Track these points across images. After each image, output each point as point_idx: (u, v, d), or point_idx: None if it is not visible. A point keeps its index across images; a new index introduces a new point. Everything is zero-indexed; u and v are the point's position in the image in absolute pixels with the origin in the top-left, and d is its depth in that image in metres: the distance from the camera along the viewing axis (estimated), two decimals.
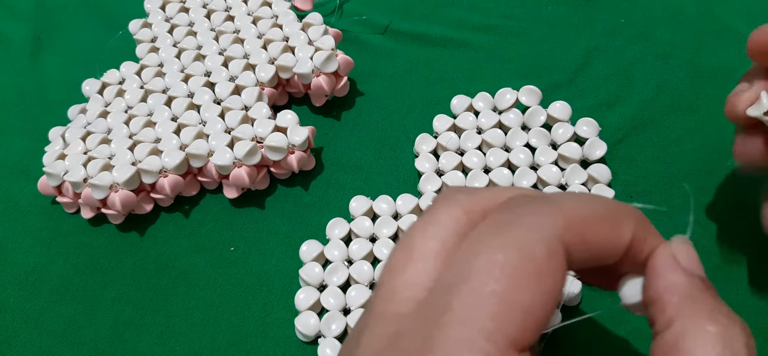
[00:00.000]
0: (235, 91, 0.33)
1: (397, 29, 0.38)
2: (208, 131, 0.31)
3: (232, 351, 0.28)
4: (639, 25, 0.36)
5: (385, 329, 0.15)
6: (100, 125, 0.32)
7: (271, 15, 0.36)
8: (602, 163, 0.30)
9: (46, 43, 0.40)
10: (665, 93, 0.33)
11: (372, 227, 0.30)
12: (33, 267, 0.31)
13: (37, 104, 0.37)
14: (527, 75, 0.35)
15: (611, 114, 0.33)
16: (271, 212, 0.32)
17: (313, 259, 0.29)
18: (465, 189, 0.17)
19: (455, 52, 0.37)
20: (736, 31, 0.35)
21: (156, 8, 0.37)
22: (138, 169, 0.30)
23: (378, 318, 0.15)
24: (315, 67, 0.32)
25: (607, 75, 0.34)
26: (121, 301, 0.30)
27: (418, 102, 0.35)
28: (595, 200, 0.16)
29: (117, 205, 0.30)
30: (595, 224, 0.15)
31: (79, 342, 0.29)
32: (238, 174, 0.30)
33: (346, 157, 0.33)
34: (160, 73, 0.34)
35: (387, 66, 0.37)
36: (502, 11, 0.38)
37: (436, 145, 0.32)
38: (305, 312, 0.28)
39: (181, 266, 0.31)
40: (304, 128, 0.31)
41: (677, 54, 0.35)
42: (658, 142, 0.32)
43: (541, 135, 0.31)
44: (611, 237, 0.15)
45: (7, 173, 0.35)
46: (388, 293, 0.16)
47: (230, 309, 0.29)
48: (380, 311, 0.15)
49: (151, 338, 0.29)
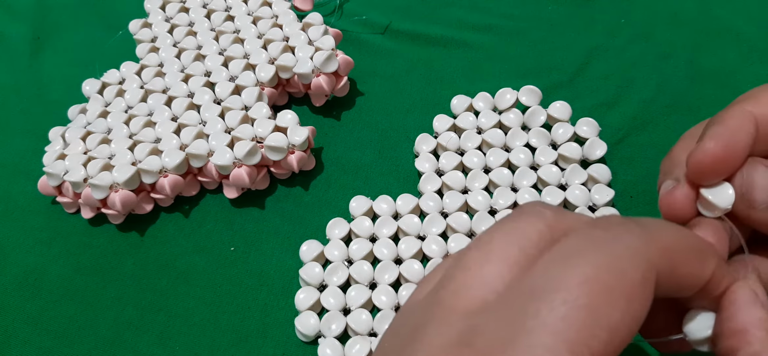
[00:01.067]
0: (235, 91, 0.33)
1: (397, 29, 0.38)
2: (208, 131, 0.31)
3: (232, 351, 0.28)
4: (639, 25, 0.36)
5: (456, 324, 0.15)
6: (100, 125, 0.32)
7: (271, 15, 0.36)
8: (602, 163, 0.30)
9: (46, 43, 0.40)
10: (665, 93, 0.33)
11: (372, 227, 0.30)
12: (33, 267, 0.31)
13: (37, 104, 0.37)
14: (527, 75, 0.35)
15: (611, 114, 0.33)
16: (271, 212, 0.32)
17: (313, 259, 0.29)
18: (551, 206, 0.17)
19: (455, 52, 0.37)
20: (736, 31, 0.35)
21: (156, 8, 0.37)
22: (138, 169, 0.30)
23: (448, 312, 0.15)
24: (315, 67, 0.32)
25: (607, 75, 0.34)
26: (121, 301, 0.30)
27: (418, 102, 0.35)
28: (686, 232, 0.16)
29: (117, 205, 0.30)
30: (686, 255, 0.15)
31: (79, 342, 0.29)
32: (238, 174, 0.30)
33: (346, 157, 0.33)
34: (160, 73, 0.34)
35: (387, 66, 0.37)
36: (502, 11, 0.38)
37: (436, 145, 0.32)
38: (305, 312, 0.28)
39: (181, 266, 0.31)
40: (304, 128, 0.31)
41: (677, 54, 0.35)
42: (658, 142, 0.32)
43: (541, 135, 0.31)
44: (697, 270, 0.15)
45: (7, 173, 0.35)
46: (461, 288, 0.15)
47: (230, 309, 0.29)
48: (450, 305, 0.15)
49: (151, 338, 0.29)
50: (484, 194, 0.30)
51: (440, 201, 0.30)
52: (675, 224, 0.16)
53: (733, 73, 0.34)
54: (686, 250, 0.15)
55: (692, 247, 0.16)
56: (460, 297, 0.15)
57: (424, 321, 0.15)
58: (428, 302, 0.16)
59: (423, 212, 0.30)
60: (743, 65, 0.34)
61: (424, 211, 0.30)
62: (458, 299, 0.15)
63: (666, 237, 0.15)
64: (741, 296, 0.16)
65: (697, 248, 0.16)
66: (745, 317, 0.16)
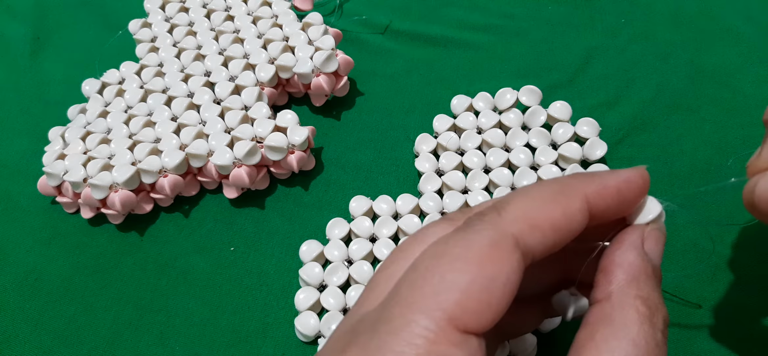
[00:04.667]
0: (235, 91, 0.33)
1: (397, 29, 0.38)
2: (208, 131, 0.31)
3: (231, 351, 0.28)
4: (639, 25, 0.36)
5: (353, 316, 0.17)
6: (100, 125, 0.32)
7: (271, 15, 0.36)
8: (602, 163, 0.30)
9: (46, 43, 0.40)
10: (665, 93, 0.33)
11: (372, 227, 0.30)
12: (33, 266, 0.31)
13: (37, 104, 0.37)
14: (527, 75, 0.35)
15: (611, 114, 0.33)
16: (271, 212, 0.32)
17: (313, 259, 0.29)
18: (464, 209, 0.19)
19: (455, 52, 0.37)
20: (736, 31, 0.35)
21: (156, 8, 0.37)
22: (138, 169, 0.30)
23: (355, 305, 0.17)
24: (315, 67, 0.32)
25: (607, 75, 0.34)
26: (121, 301, 0.30)
27: (418, 102, 0.35)
28: (543, 185, 0.17)
29: (117, 205, 0.30)
30: (542, 206, 0.16)
31: (79, 342, 0.29)
32: (238, 174, 0.30)
33: (346, 157, 0.33)
34: (160, 73, 0.34)
35: (387, 66, 0.36)
36: (502, 11, 0.38)
37: (436, 145, 0.32)
38: (305, 312, 0.28)
39: (181, 266, 0.31)
40: (304, 128, 0.31)
41: (677, 54, 0.35)
42: (658, 142, 0.32)
43: (541, 135, 0.31)
44: (562, 213, 0.16)
45: (7, 173, 0.35)
46: (371, 285, 0.17)
47: (230, 309, 0.29)
48: (361, 299, 0.17)
49: (150, 338, 0.29)
50: (484, 194, 0.30)
51: (440, 201, 0.30)
52: (534, 184, 0.18)
53: (733, 73, 0.34)
54: (542, 201, 0.16)
55: (549, 195, 0.16)
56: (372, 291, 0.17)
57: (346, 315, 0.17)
58: None
59: (423, 212, 0.30)
60: (743, 65, 0.34)
61: (424, 211, 0.30)
62: (370, 293, 0.17)
63: (517, 202, 0.16)
64: (628, 237, 0.17)
65: (555, 194, 0.16)
66: (618, 257, 0.17)
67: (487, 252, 0.15)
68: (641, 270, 0.16)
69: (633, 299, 0.16)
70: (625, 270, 0.16)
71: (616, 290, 0.16)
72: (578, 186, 0.17)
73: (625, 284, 0.16)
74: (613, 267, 0.16)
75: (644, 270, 0.16)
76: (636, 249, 0.17)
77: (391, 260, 0.17)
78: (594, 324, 0.16)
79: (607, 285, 0.16)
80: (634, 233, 0.17)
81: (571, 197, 0.16)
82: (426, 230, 0.18)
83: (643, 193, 0.17)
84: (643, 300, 0.16)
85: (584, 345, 0.15)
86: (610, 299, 0.16)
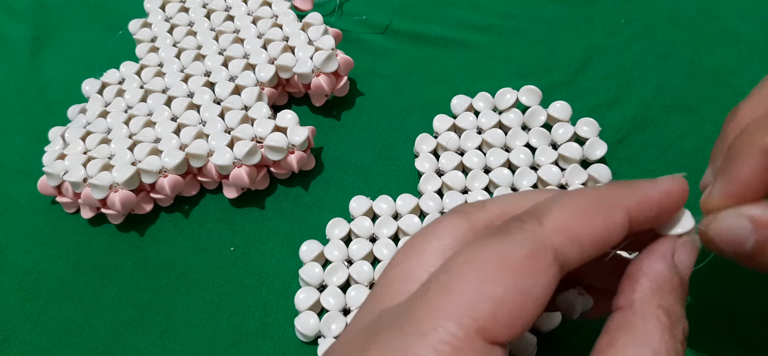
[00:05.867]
0: (235, 91, 0.33)
1: (397, 29, 0.38)
2: (208, 131, 0.31)
3: (231, 351, 0.28)
4: (639, 25, 0.36)
5: (370, 312, 0.16)
6: (100, 125, 0.32)
7: (271, 15, 0.36)
8: (602, 163, 0.30)
9: (46, 43, 0.40)
10: (665, 93, 0.33)
11: (372, 228, 0.30)
12: (33, 266, 0.31)
13: (37, 104, 0.37)
14: (527, 75, 0.35)
15: (611, 114, 0.33)
16: (271, 212, 0.32)
17: (313, 259, 0.29)
18: (477, 202, 0.18)
19: (455, 52, 0.37)
20: (736, 31, 0.35)
21: (156, 8, 0.37)
22: (138, 169, 0.30)
23: (369, 301, 0.17)
24: (315, 67, 0.32)
25: (607, 75, 0.34)
26: (121, 301, 0.30)
27: (418, 102, 0.35)
28: (583, 195, 0.16)
29: (117, 205, 0.30)
30: (583, 218, 0.16)
31: (79, 342, 0.29)
32: (238, 174, 0.30)
33: (346, 157, 0.33)
34: (159, 73, 0.34)
35: (387, 66, 0.36)
36: (502, 11, 0.38)
37: (436, 145, 0.32)
38: (305, 312, 0.28)
39: (181, 266, 0.31)
40: (304, 128, 0.31)
41: (677, 54, 0.35)
42: (658, 142, 0.32)
43: (541, 135, 0.31)
44: (604, 227, 0.16)
45: (7, 173, 0.35)
46: (385, 281, 0.17)
47: (230, 309, 0.29)
48: (375, 295, 0.17)
49: (150, 338, 0.29)
50: (484, 195, 0.30)
51: (440, 201, 0.30)
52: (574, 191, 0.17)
53: (733, 74, 0.34)
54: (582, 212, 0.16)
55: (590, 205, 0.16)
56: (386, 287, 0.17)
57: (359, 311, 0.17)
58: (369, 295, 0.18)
59: (423, 212, 0.30)
60: (743, 65, 0.34)
61: (424, 211, 0.30)
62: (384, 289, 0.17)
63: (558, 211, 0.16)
64: (659, 247, 0.17)
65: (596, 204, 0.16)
66: (646, 266, 0.16)
67: (525, 263, 0.15)
68: (667, 281, 0.16)
69: (655, 308, 0.16)
70: (651, 280, 0.16)
71: (640, 298, 0.16)
72: (619, 198, 0.16)
73: (649, 293, 0.16)
74: (640, 276, 0.16)
75: (670, 281, 0.16)
76: (665, 260, 0.16)
77: (404, 257, 0.17)
78: (615, 330, 0.16)
79: (631, 293, 0.16)
80: (665, 245, 0.17)
81: (612, 210, 0.16)
82: (436, 225, 0.18)
83: (681, 204, 0.17)
84: (665, 310, 0.16)
85: (604, 350, 0.15)
86: (632, 307, 0.16)
